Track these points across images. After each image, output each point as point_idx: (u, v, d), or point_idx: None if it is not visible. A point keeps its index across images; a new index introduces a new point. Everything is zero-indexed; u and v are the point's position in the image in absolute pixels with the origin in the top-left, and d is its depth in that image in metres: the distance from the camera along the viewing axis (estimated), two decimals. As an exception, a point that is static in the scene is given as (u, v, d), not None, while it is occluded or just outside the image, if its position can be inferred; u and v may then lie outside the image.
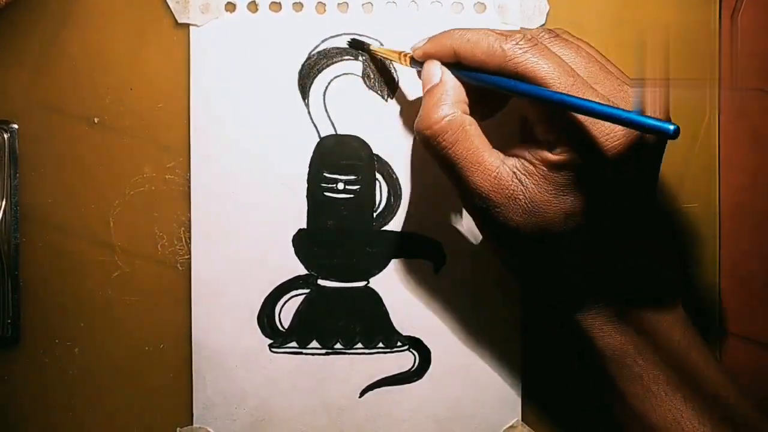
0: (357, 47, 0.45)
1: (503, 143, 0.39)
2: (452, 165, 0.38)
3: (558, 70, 0.36)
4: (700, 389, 0.39)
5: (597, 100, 0.35)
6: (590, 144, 0.35)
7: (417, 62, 0.41)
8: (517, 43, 0.37)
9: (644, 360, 0.39)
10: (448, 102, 0.38)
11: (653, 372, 0.39)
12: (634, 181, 0.37)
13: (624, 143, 0.35)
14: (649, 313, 0.39)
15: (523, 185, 0.37)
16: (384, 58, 0.45)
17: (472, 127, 0.38)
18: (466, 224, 0.46)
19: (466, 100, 0.39)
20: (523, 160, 0.37)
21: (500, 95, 0.41)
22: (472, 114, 0.40)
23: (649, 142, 0.36)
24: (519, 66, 0.36)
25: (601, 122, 0.35)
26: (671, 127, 0.31)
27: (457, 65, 0.39)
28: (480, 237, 0.45)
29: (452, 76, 0.39)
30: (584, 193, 0.36)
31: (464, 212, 0.46)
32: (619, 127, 0.35)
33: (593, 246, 0.38)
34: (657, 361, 0.39)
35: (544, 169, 0.36)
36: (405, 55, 0.42)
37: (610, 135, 0.35)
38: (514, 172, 0.37)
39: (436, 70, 0.40)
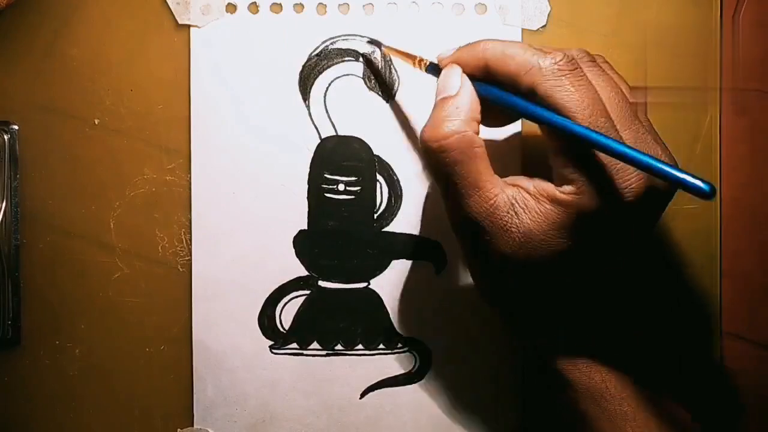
0: (371, 43, 0.45)
1: (503, 165, 0.38)
2: (450, 183, 0.37)
3: (592, 108, 0.34)
4: (669, 429, 0.38)
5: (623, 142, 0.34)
6: (607, 185, 0.34)
7: (434, 70, 0.40)
8: (556, 63, 0.35)
9: (612, 397, 0.38)
10: (461, 117, 0.37)
11: (622, 409, 0.38)
12: (635, 227, 0.36)
13: (640, 189, 0.34)
14: (623, 356, 0.39)
15: (518, 218, 0.36)
16: (398, 58, 0.44)
17: (480, 149, 0.36)
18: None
19: (479, 118, 0.37)
20: (523, 192, 0.36)
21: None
22: (481, 120, 0.39)
23: (661, 189, 0.35)
24: (553, 89, 0.35)
25: (620, 166, 0.34)
26: (707, 188, 0.31)
27: (482, 79, 0.38)
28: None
29: (472, 89, 0.37)
30: (583, 234, 0.35)
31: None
32: (633, 170, 0.34)
33: (577, 287, 0.37)
34: (626, 399, 0.38)
35: (548, 206, 0.35)
36: (421, 61, 0.41)
37: (627, 179, 0.34)
38: (512, 203, 0.36)
39: (455, 79, 0.38)
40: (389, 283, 0.46)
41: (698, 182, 0.31)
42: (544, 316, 0.39)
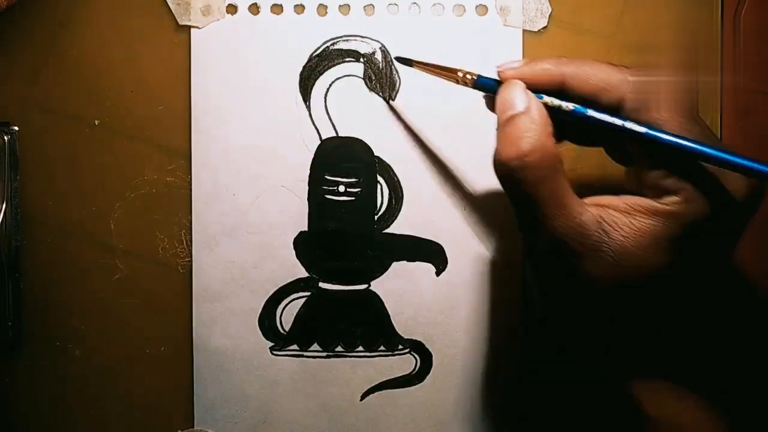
0: (404, 63, 0.44)
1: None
2: (533, 203, 0.34)
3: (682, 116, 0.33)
4: None
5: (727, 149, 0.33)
6: (716, 191, 0.33)
7: (484, 85, 0.38)
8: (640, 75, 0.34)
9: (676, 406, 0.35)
10: (539, 134, 0.34)
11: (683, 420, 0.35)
12: (738, 233, 0.35)
13: (746, 191, 0.33)
14: (710, 389, 0.36)
15: (608, 236, 0.33)
16: (435, 75, 0.41)
17: (561, 165, 0.34)
18: (468, 227, 0.46)
19: (554, 132, 0.35)
20: (608, 210, 0.34)
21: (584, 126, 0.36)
22: (564, 137, 0.37)
23: (760, 190, 0.34)
24: (648, 103, 0.33)
25: (725, 172, 0.33)
26: None
27: (554, 94, 0.36)
28: (481, 238, 0.45)
29: (540, 104, 0.35)
30: (688, 246, 0.33)
31: (466, 215, 0.45)
32: (737, 176, 0.33)
33: (677, 308, 0.35)
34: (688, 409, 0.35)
35: (645, 219, 0.33)
36: (466, 75, 0.39)
37: (735, 185, 0.33)
38: (599, 222, 0.34)
39: (520, 95, 0.35)
40: (390, 284, 0.46)
41: None
42: (625, 339, 0.36)
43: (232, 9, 0.45)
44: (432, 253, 0.46)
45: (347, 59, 0.45)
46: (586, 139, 0.38)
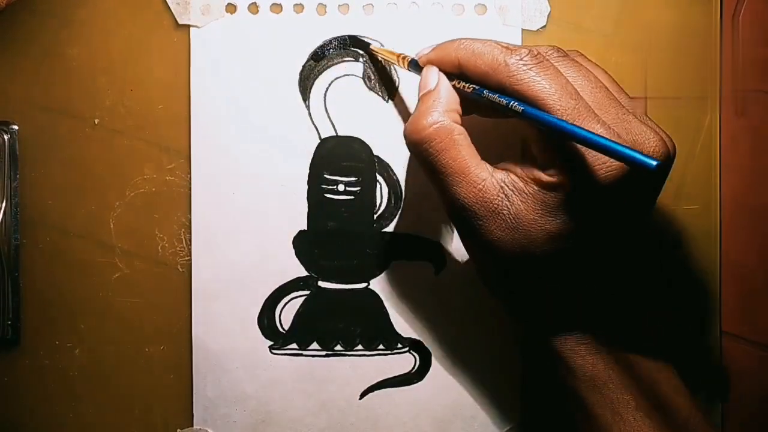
0: (357, 46, 0.45)
1: (500, 153, 0.38)
2: (437, 173, 0.38)
3: (560, 92, 0.35)
4: (670, 417, 0.38)
5: (598, 126, 0.34)
6: (583, 170, 0.35)
7: (416, 67, 0.41)
8: (521, 59, 0.36)
9: (615, 384, 0.38)
10: (439, 109, 0.38)
11: (624, 397, 0.38)
12: (626, 210, 0.37)
13: (618, 172, 0.34)
14: (625, 342, 0.39)
15: (509, 201, 0.36)
16: (383, 58, 0.45)
17: (461, 136, 0.37)
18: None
19: (459, 109, 0.38)
20: (512, 175, 0.37)
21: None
22: (474, 112, 0.39)
23: (645, 173, 0.36)
24: (521, 84, 0.35)
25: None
26: (654, 163, 0.31)
27: (460, 76, 0.39)
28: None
29: (448, 84, 0.39)
30: (572, 217, 0.36)
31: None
32: None
33: (575, 270, 0.38)
34: (628, 387, 0.38)
35: (535, 187, 0.36)
36: (404, 58, 0.42)
37: (605, 163, 0.34)
38: (501, 186, 0.37)
39: (433, 76, 0.39)
40: (389, 283, 0.46)
41: (644, 157, 0.31)
42: (546, 301, 0.39)
43: (231, 8, 0.45)
44: (431, 252, 0.46)
45: (346, 59, 0.45)
46: (494, 113, 0.40)
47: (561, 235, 0.36)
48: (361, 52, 0.45)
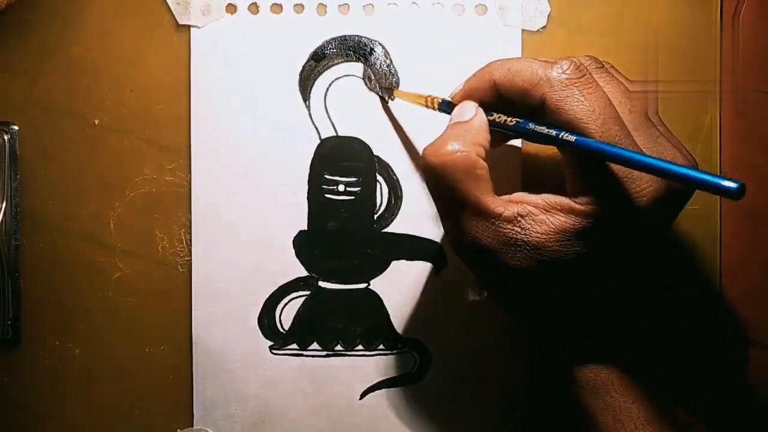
0: (385, 91, 0.45)
1: (504, 183, 0.38)
2: (450, 202, 0.37)
3: (604, 116, 0.34)
4: (671, 426, 0.38)
5: (639, 152, 0.34)
6: (622, 194, 0.34)
7: (447, 107, 0.40)
8: (564, 72, 0.35)
9: (618, 392, 0.38)
10: (467, 139, 0.37)
11: (626, 405, 0.38)
12: (653, 228, 0.37)
13: (654, 194, 0.35)
14: (628, 349, 0.39)
15: (525, 232, 0.36)
16: (409, 101, 0.44)
17: (482, 172, 0.37)
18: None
19: (487, 146, 0.38)
20: (529, 207, 0.36)
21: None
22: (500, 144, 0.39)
23: (677, 193, 0.35)
24: (564, 100, 0.35)
25: (635, 174, 0.34)
26: (734, 186, 0.30)
27: (495, 102, 0.38)
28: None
29: (484, 118, 0.38)
30: (598, 242, 0.35)
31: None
32: (648, 177, 0.34)
33: (590, 284, 0.38)
34: (630, 395, 0.38)
35: (561, 217, 0.36)
36: (433, 100, 0.42)
37: (642, 187, 0.34)
38: (517, 219, 0.36)
39: (470, 109, 0.38)
40: (389, 283, 0.46)
41: (723, 182, 0.30)
42: (557, 319, 0.39)
43: (231, 8, 0.45)
44: (431, 252, 0.46)
45: (347, 59, 0.45)
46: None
47: (581, 262, 0.36)
48: (361, 52, 0.45)
